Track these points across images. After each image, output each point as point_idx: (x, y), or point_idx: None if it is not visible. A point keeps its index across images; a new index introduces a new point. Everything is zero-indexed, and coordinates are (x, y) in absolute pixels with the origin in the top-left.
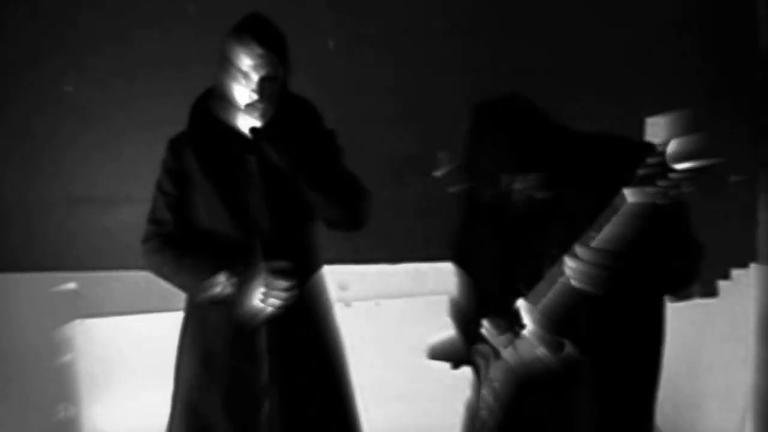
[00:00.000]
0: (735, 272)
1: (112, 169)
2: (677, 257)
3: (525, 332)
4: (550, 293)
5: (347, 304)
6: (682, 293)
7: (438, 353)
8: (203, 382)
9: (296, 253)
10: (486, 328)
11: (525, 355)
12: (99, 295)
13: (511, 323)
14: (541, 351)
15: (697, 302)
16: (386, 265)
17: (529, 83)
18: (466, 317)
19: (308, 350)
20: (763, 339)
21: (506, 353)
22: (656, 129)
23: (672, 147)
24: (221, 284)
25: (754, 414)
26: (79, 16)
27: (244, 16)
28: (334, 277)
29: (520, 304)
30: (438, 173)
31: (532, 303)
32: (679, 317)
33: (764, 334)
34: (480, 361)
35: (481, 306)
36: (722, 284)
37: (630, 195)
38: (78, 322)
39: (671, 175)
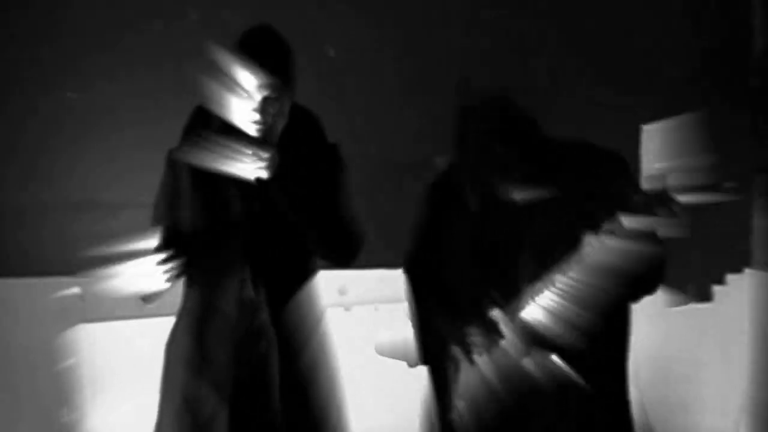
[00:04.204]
0: (730, 277)
1: (114, 173)
2: None
3: (504, 343)
4: (533, 307)
5: (347, 308)
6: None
7: (391, 351)
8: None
9: (288, 268)
10: (470, 332)
11: (502, 365)
12: (102, 299)
13: (491, 331)
14: (526, 362)
15: (692, 307)
16: (386, 270)
17: (530, 87)
18: (428, 321)
19: (294, 363)
20: (758, 343)
21: (483, 360)
22: (652, 136)
23: (675, 178)
24: None
25: (748, 417)
26: (75, 14)
27: (250, 29)
28: (334, 281)
29: (497, 314)
30: None
31: (511, 314)
32: (675, 322)
33: (759, 338)
34: (451, 365)
35: (448, 312)
36: (717, 289)
37: (627, 221)
38: (81, 326)
39: (672, 207)
